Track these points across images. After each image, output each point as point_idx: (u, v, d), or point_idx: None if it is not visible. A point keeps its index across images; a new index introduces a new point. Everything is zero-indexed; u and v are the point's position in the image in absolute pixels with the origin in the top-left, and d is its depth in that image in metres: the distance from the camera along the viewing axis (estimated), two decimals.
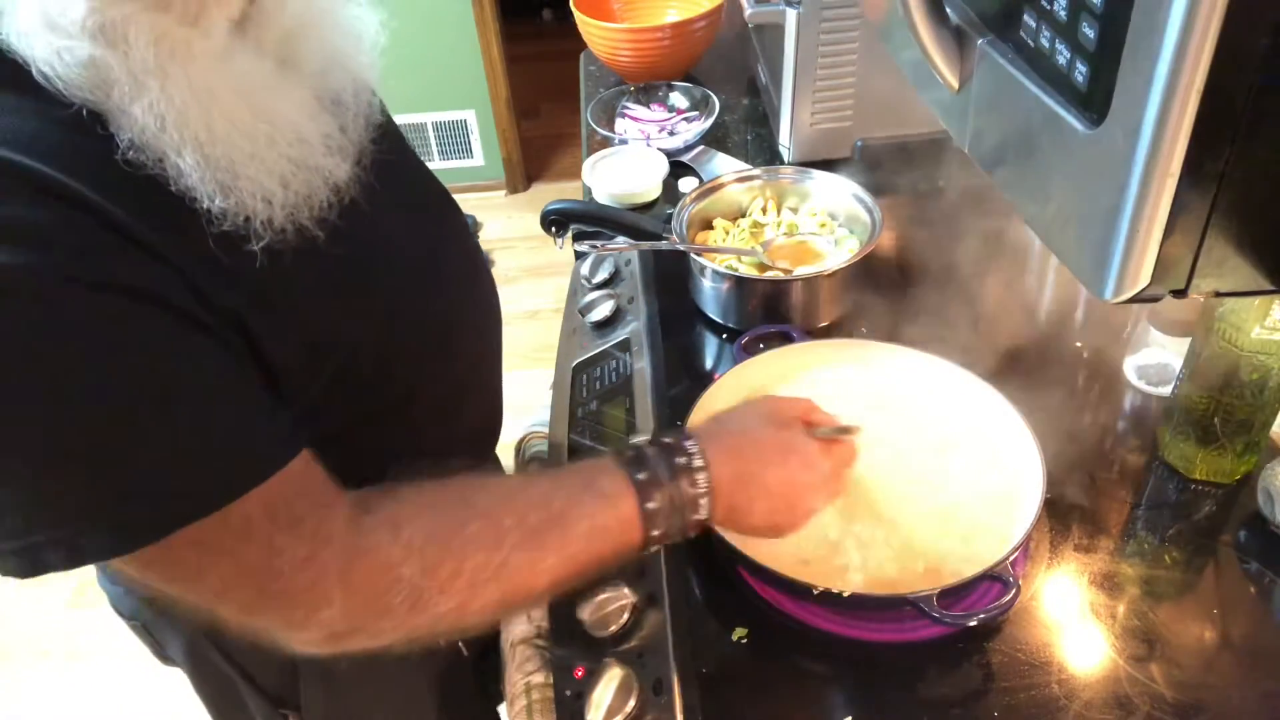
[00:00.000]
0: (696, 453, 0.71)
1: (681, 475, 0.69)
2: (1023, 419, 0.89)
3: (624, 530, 0.68)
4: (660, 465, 0.69)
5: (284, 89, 0.67)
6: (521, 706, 0.83)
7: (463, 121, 3.31)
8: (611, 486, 0.68)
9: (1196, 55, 0.40)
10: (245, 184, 0.62)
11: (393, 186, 0.78)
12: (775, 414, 0.77)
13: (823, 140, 1.34)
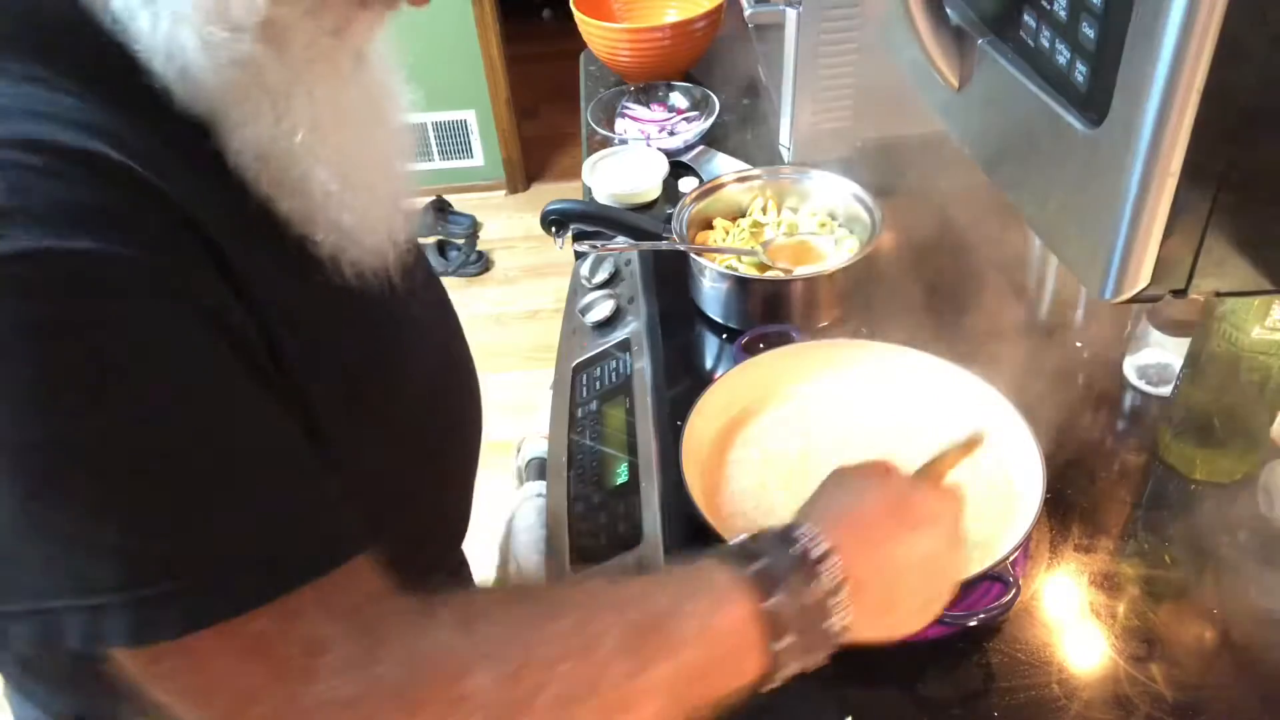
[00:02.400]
0: (815, 534, 0.56)
1: (803, 566, 0.55)
2: (1023, 419, 0.89)
3: (742, 637, 0.53)
4: (776, 553, 0.55)
5: (390, 120, 0.65)
6: None
7: (463, 121, 3.31)
8: (721, 580, 0.54)
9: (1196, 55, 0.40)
10: (360, 214, 0.58)
11: (416, 272, 0.73)
12: (870, 473, 0.64)
13: (823, 140, 1.34)
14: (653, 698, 0.51)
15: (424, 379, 0.74)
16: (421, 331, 0.75)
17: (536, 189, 3.49)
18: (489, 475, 1.42)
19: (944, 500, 0.64)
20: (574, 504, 0.95)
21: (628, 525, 0.89)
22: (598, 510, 0.93)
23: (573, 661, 0.49)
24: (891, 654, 0.79)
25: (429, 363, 0.76)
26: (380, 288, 0.64)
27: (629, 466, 0.95)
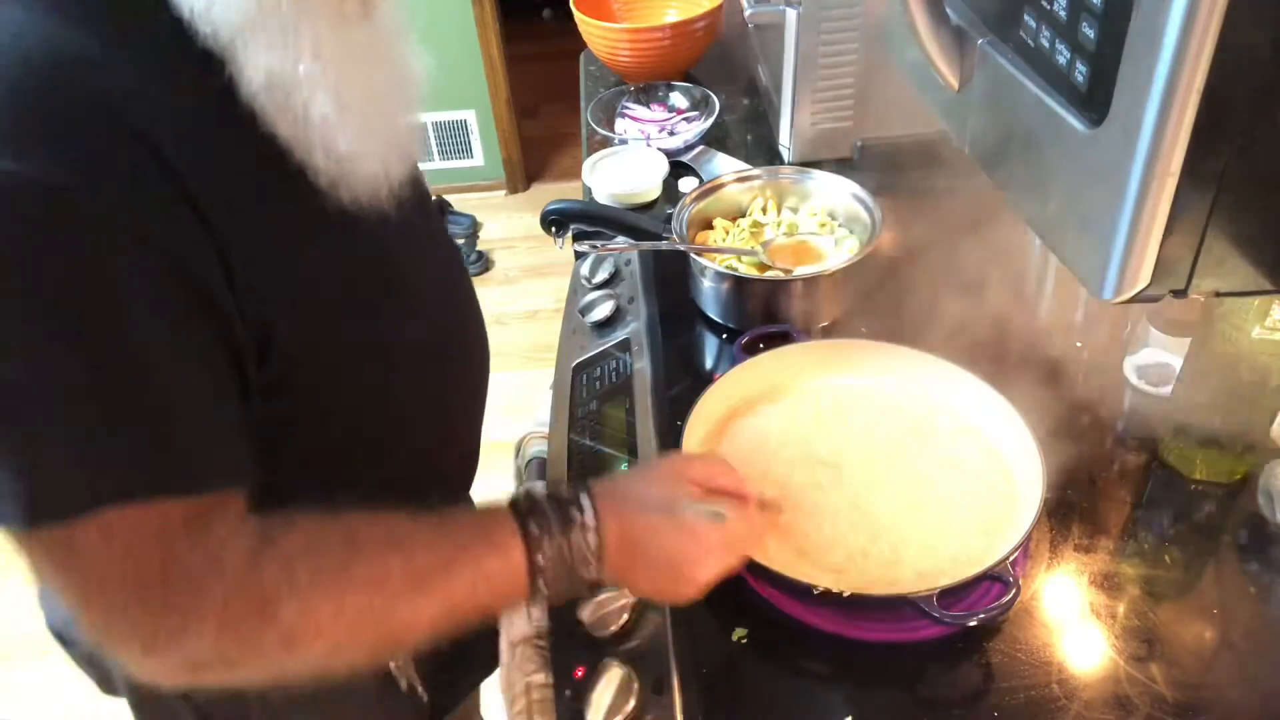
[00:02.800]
0: (590, 512, 0.69)
1: (573, 532, 0.68)
2: (1023, 419, 0.89)
3: (510, 581, 0.67)
4: (553, 520, 0.68)
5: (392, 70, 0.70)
6: (521, 706, 0.83)
7: (463, 121, 3.31)
8: (501, 536, 0.67)
9: (1196, 55, 0.40)
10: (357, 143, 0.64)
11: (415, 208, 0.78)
12: (676, 476, 0.75)
13: (823, 140, 1.34)
14: (424, 624, 0.64)
15: (423, 307, 0.79)
16: (421, 265, 0.80)
17: (536, 189, 3.49)
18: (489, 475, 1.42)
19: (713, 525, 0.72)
20: None
21: None
22: None
23: (364, 597, 0.61)
24: (892, 654, 0.80)
25: (428, 294, 0.80)
26: (377, 217, 0.69)
27: (629, 467, 0.95)
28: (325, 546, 0.63)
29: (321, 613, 0.61)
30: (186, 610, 0.58)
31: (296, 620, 0.60)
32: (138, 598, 0.57)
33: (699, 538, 0.71)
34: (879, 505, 0.87)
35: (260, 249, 0.62)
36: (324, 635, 0.61)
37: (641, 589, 0.74)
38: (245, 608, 0.59)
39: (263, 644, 0.60)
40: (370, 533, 0.64)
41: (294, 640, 0.60)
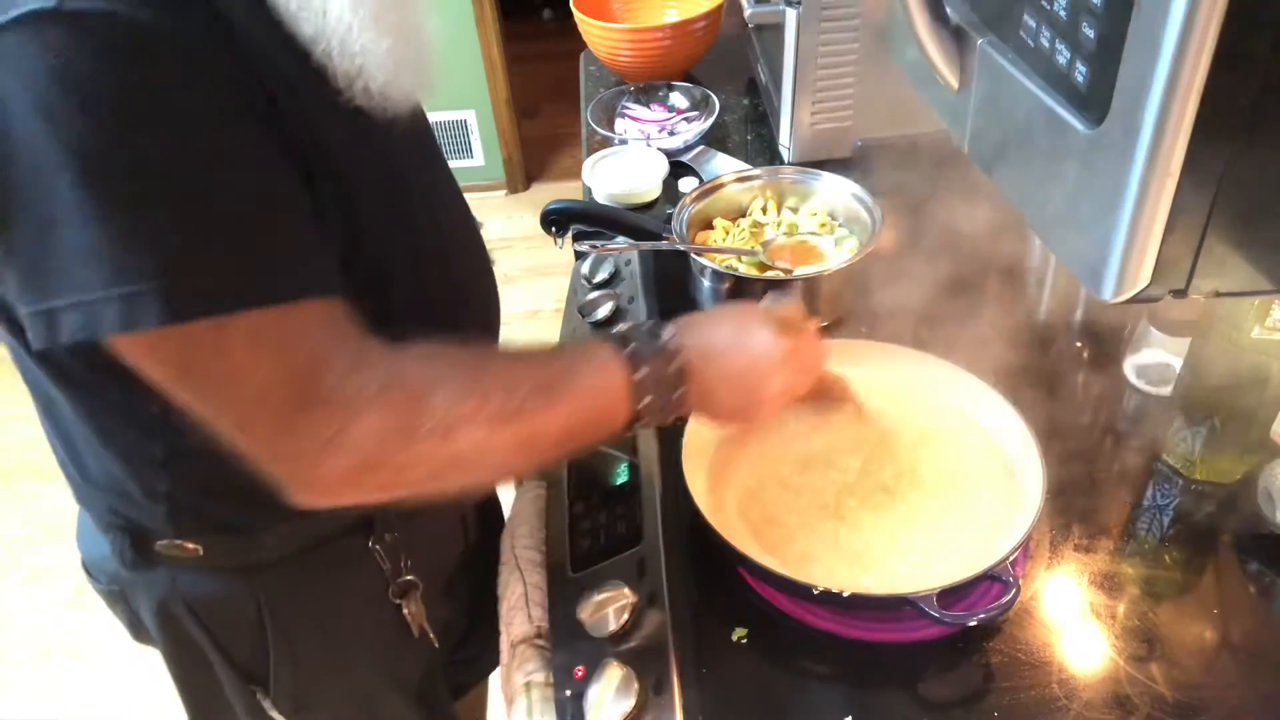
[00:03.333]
0: (673, 335, 0.75)
1: (662, 355, 0.73)
2: (1023, 419, 0.89)
3: (617, 394, 0.71)
4: (644, 345, 0.73)
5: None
6: (521, 706, 0.83)
7: (463, 121, 3.31)
8: (604, 358, 0.72)
9: (1196, 55, 0.40)
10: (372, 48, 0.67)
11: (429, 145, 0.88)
12: (745, 311, 0.82)
13: (823, 140, 1.34)
14: (555, 426, 0.69)
15: (425, 208, 0.83)
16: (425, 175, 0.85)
17: (536, 189, 3.49)
18: None
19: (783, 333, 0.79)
20: (574, 504, 0.95)
21: (628, 525, 0.89)
22: (598, 510, 0.93)
23: (502, 396, 0.66)
24: (891, 654, 0.80)
25: (430, 200, 0.85)
26: (388, 121, 0.72)
27: (629, 466, 0.95)
28: (457, 355, 0.68)
29: (469, 403, 0.64)
30: (346, 401, 0.61)
31: (448, 408, 0.64)
32: (299, 396, 0.60)
33: (769, 355, 0.78)
34: (879, 505, 0.87)
35: (307, 130, 0.66)
36: (474, 424, 0.64)
37: (722, 411, 0.78)
38: (400, 395, 0.63)
39: (420, 432, 0.63)
40: (490, 351, 0.72)
41: (449, 431, 0.64)
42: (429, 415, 0.63)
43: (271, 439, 0.62)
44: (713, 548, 0.84)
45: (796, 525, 0.86)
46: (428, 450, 0.64)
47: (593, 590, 0.82)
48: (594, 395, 0.71)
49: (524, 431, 0.67)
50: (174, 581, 0.85)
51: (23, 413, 0.69)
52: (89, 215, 0.55)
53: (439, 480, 0.68)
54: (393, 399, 0.63)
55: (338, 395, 0.61)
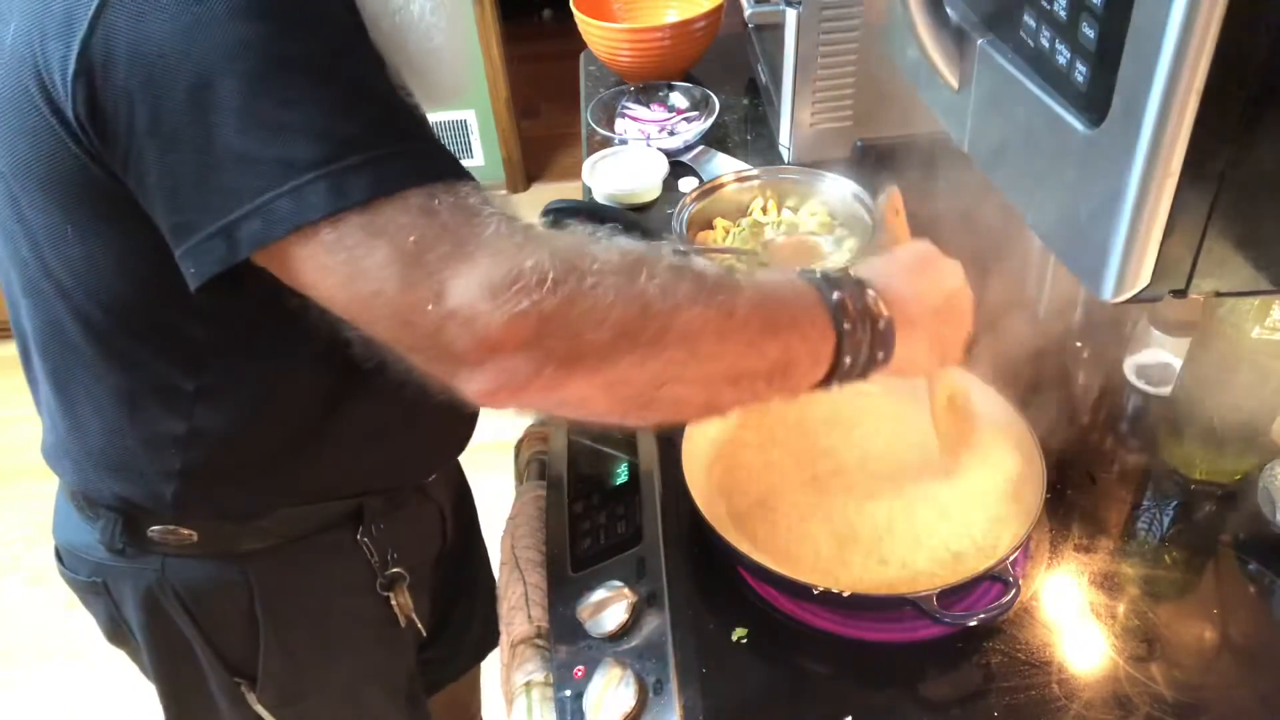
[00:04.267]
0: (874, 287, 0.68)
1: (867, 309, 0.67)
2: (1023, 419, 0.89)
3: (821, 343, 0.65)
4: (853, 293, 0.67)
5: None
6: (521, 706, 0.83)
7: (463, 121, 3.31)
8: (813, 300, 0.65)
9: (1196, 55, 0.40)
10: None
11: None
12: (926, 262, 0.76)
13: (823, 140, 1.34)
14: (741, 296, 0.60)
15: None
16: None
17: (536, 189, 3.49)
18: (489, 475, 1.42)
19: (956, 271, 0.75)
20: (574, 504, 0.95)
21: (628, 525, 0.89)
22: (598, 510, 0.93)
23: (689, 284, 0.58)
24: (891, 654, 0.80)
25: None
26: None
27: (629, 466, 0.95)
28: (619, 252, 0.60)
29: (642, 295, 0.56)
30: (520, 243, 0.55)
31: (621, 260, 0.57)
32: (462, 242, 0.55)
33: (962, 305, 0.75)
34: (879, 504, 0.87)
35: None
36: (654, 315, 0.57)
37: (917, 366, 0.73)
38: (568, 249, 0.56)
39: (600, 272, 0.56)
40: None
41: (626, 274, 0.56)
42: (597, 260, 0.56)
43: (439, 306, 0.54)
44: (713, 548, 0.85)
45: (796, 524, 0.86)
46: (608, 299, 0.55)
47: (593, 590, 0.82)
48: (790, 303, 0.64)
49: (711, 304, 0.59)
50: (163, 569, 0.85)
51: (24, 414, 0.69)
52: (253, 117, 0.55)
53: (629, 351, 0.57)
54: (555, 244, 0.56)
55: (496, 240, 0.55)
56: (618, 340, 0.56)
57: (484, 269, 0.54)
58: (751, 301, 0.61)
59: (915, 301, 0.70)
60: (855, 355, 0.66)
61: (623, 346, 0.56)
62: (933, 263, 0.74)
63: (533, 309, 0.53)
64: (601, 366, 0.56)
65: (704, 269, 0.61)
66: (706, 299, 0.59)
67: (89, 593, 0.93)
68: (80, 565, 0.91)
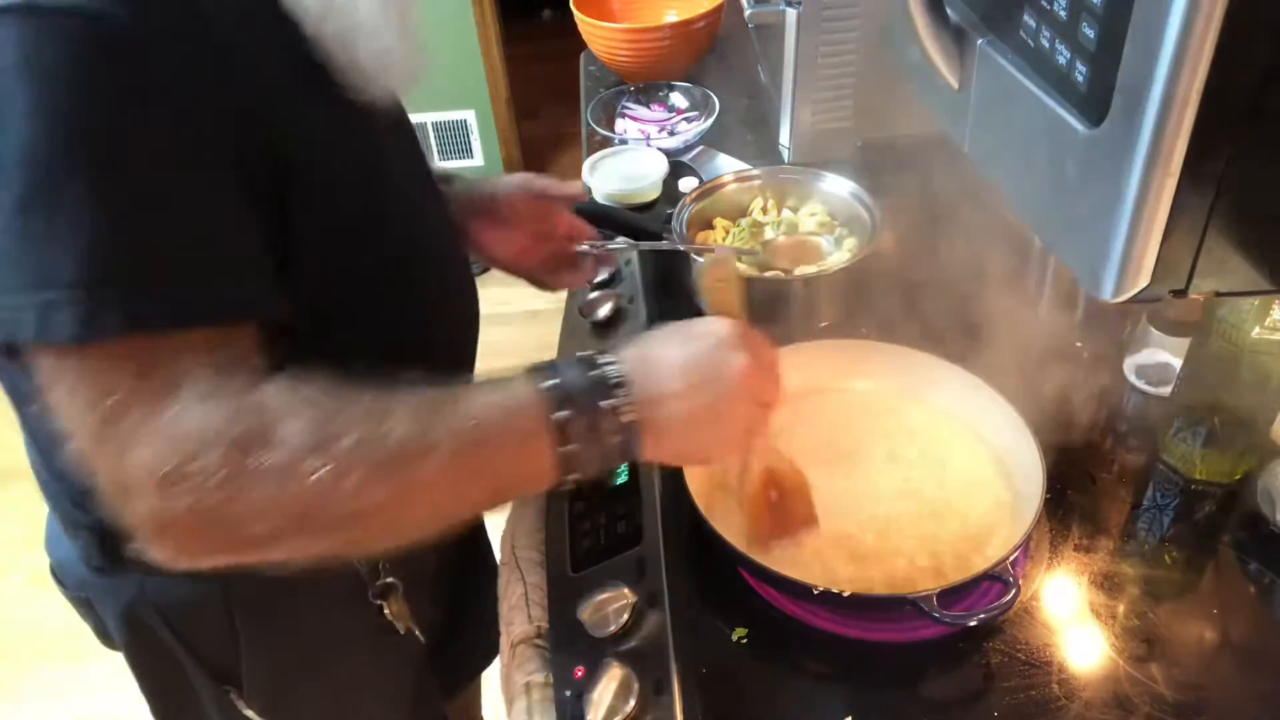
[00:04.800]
0: (615, 363, 0.66)
1: (597, 388, 0.64)
2: (1022, 419, 0.89)
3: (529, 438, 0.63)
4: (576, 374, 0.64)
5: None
6: (521, 706, 0.83)
7: (463, 121, 3.31)
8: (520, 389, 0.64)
9: (1196, 55, 0.40)
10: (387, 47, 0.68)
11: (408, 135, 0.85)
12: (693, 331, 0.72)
13: (823, 140, 1.34)
14: (429, 463, 0.60)
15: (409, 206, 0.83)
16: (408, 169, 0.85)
17: None
18: None
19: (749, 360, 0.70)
20: (574, 504, 0.95)
21: (628, 525, 0.89)
22: (598, 510, 0.93)
23: (365, 427, 0.59)
24: (891, 654, 0.80)
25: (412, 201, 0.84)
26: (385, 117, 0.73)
27: (629, 466, 0.95)
28: (332, 384, 0.61)
29: (317, 438, 0.57)
30: (195, 428, 0.56)
31: (294, 443, 0.57)
32: (150, 415, 0.56)
33: (730, 385, 0.68)
34: (879, 505, 0.87)
35: (286, 129, 0.65)
36: (324, 464, 0.57)
37: (679, 454, 0.72)
38: (241, 429, 0.57)
39: (270, 464, 0.56)
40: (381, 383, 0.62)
41: (292, 468, 0.57)
42: (271, 450, 0.56)
43: (116, 470, 0.57)
44: (713, 548, 0.84)
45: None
46: (271, 494, 0.57)
47: (593, 590, 0.82)
48: (496, 440, 0.62)
49: (393, 478, 0.59)
50: (142, 587, 0.84)
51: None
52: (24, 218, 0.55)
53: (295, 536, 0.59)
54: (233, 434, 0.56)
55: (182, 426, 0.56)
56: (282, 530, 0.59)
57: (158, 456, 0.55)
58: (449, 453, 0.60)
59: (675, 400, 0.66)
60: (583, 469, 0.65)
61: (288, 532, 0.59)
62: (712, 352, 0.69)
63: (195, 505, 0.56)
64: (272, 548, 0.59)
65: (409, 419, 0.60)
66: (390, 474, 0.59)
67: (77, 605, 0.93)
68: (68, 579, 0.91)
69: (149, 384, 0.56)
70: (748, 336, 0.71)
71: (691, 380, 0.67)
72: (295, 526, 0.59)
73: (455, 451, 0.61)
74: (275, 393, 0.59)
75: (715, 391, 0.68)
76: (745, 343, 0.70)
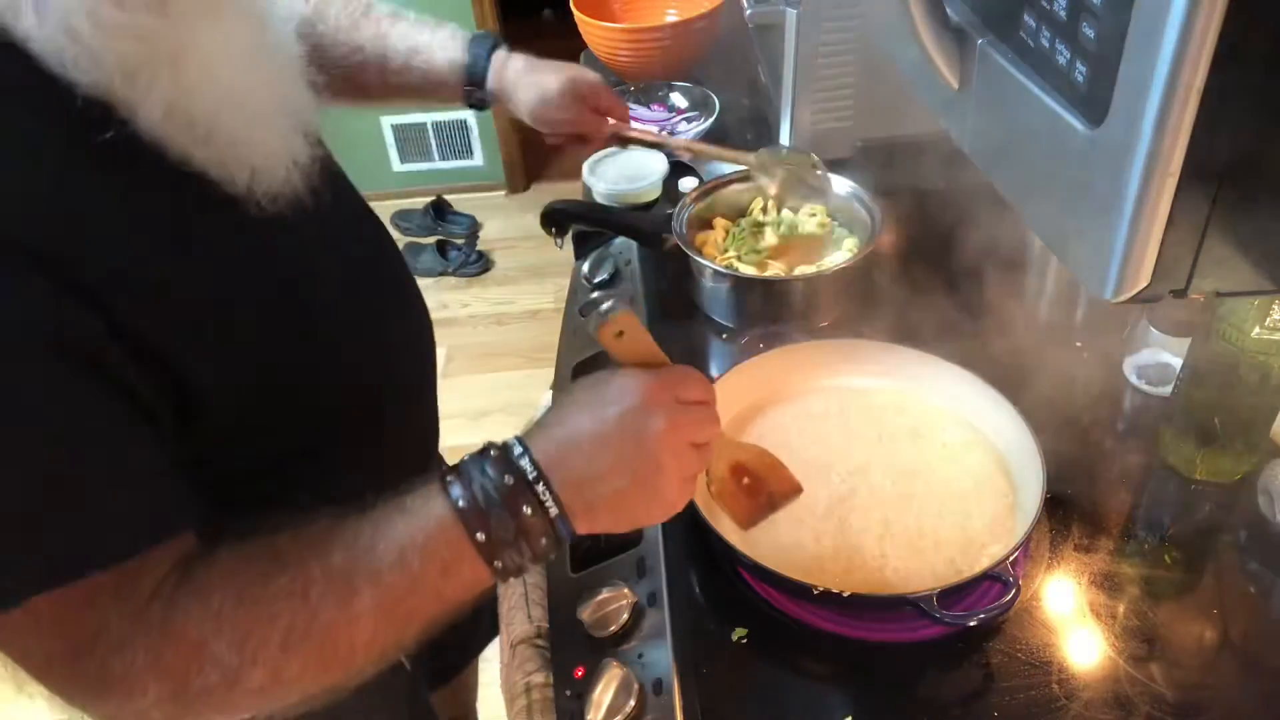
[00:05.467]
0: (530, 458, 0.62)
1: (516, 493, 0.62)
2: (1023, 419, 0.89)
3: (454, 561, 0.61)
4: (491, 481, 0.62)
5: (266, 57, 0.68)
6: (521, 706, 0.83)
7: (463, 121, 3.31)
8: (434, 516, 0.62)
9: (1196, 55, 0.40)
10: (266, 147, 0.64)
11: (333, 192, 0.76)
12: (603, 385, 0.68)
13: (823, 140, 1.34)
14: (362, 626, 0.60)
15: (348, 274, 0.78)
16: (340, 252, 0.79)
17: (536, 189, 3.49)
18: None
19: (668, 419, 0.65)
20: None
21: None
22: None
23: (290, 612, 0.59)
24: (891, 654, 0.80)
25: (348, 253, 0.80)
26: (295, 211, 0.68)
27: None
28: (246, 568, 0.60)
29: (252, 640, 0.58)
30: (123, 674, 0.57)
31: (230, 655, 0.58)
32: (76, 670, 0.57)
33: (650, 445, 0.64)
34: (879, 505, 0.87)
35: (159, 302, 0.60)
36: (260, 664, 0.59)
37: (617, 525, 0.67)
38: (172, 658, 0.58)
39: (209, 686, 0.58)
40: (292, 544, 0.61)
41: (235, 676, 0.58)
42: (213, 667, 0.58)
43: (63, 694, 0.60)
44: (713, 548, 0.85)
45: (795, 524, 0.86)
46: (220, 701, 0.59)
47: (593, 590, 0.82)
48: (420, 582, 0.61)
49: (323, 642, 0.60)
50: None
51: None
52: None
53: (260, 709, 0.62)
54: (165, 666, 0.58)
55: (110, 673, 0.57)
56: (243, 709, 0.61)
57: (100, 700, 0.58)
58: (378, 612, 0.60)
59: (598, 482, 0.63)
60: (518, 571, 0.63)
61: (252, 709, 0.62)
62: (628, 421, 0.64)
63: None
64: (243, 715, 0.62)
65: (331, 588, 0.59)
66: (324, 652, 0.60)
67: None
68: None
69: (60, 640, 0.57)
70: (662, 388, 0.65)
71: (611, 460, 0.63)
72: (256, 706, 0.62)
73: (384, 609, 0.61)
74: (192, 615, 0.58)
75: (637, 465, 0.64)
76: (660, 399, 0.65)
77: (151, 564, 0.59)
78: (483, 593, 0.64)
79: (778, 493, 0.81)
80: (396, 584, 0.60)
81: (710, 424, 0.69)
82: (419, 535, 0.61)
